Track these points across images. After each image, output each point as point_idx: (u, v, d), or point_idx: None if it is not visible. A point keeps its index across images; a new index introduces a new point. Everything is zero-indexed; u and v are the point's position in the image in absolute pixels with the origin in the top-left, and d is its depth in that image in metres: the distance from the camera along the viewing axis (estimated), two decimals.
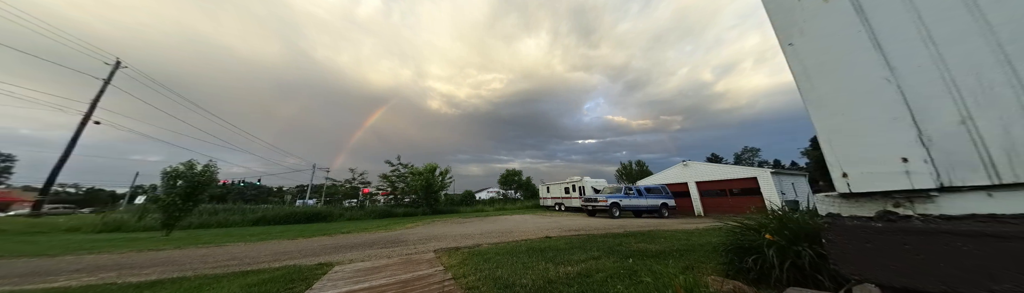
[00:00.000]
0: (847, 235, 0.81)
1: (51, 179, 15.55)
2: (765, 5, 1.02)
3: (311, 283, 3.71)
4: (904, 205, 0.75)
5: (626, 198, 15.15)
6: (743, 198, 16.55)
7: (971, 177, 0.67)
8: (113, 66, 17.38)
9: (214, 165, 12.94)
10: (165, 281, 4.18)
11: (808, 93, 0.91)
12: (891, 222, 0.75)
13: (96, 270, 5.14)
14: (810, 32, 0.92)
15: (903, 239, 0.72)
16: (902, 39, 0.76)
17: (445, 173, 24.63)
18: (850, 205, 0.84)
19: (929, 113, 0.72)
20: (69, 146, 15.65)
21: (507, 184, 43.14)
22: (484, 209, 25.80)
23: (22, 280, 4.53)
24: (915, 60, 0.74)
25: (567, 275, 3.55)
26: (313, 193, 39.47)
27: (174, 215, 11.59)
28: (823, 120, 0.88)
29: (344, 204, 25.44)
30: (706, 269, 3.57)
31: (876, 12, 0.80)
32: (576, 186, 21.29)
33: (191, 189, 11.94)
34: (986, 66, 0.67)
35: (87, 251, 7.27)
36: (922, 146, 0.72)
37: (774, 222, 3.28)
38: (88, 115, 16.09)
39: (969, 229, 0.65)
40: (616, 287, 3.03)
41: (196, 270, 4.90)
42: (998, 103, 0.65)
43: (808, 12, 0.92)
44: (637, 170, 41.80)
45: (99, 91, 16.77)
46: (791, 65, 0.95)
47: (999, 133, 0.65)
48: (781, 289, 2.45)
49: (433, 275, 3.91)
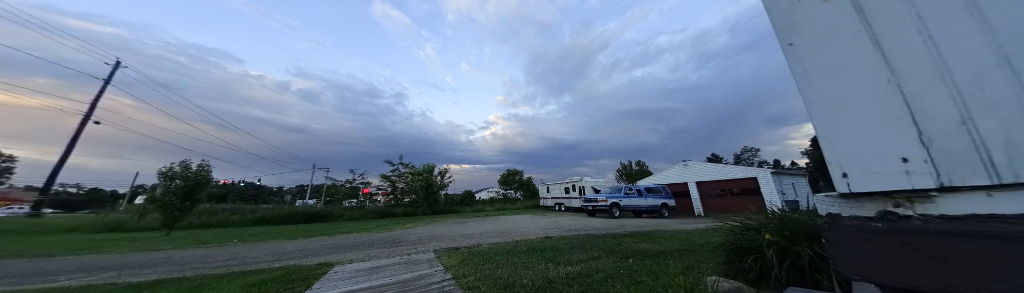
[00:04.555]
0: (847, 235, 0.81)
1: (51, 179, 15.56)
2: (765, 5, 1.02)
3: (311, 283, 3.71)
4: (904, 205, 0.75)
5: (626, 198, 15.15)
6: (743, 198, 16.54)
7: (971, 177, 0.67)
8: (113, 66, 17.38)
9: (207, 164, 12.97)
10: (165, 281, 4.18)
11: (808, 93, 0.91)
12: (891, 222, 0.75)
13: (96, 270, 5.13)
14: (810, 32, 0.92)
15: (903, 239, 0.72)
16: (902, 39, 0.76)
17: (444, 173, 24.64)
18: (850, 205, 0.84)
19: (929, 113, 0.72)
20: (69, 146, 15.65)
21: (507, 184, 43.12)
22: (484, 209, 25.79)
23: (22, 280, 4.53)
24: (915, 60, 0.74)
25: (567, 275, 3.55)
26: (313, 193, 39.47)
27: (173, 215, 11.60)
28: (823, 120, 0.88)
29: (344, 204, 25.43)
30: (706, 269, 3.57)
31: (876, 12, 0.80)
32: (576, 186, 21.30)
33: (189, 189, 11.96)
34: (986, 66, 0.67)
35: (87, 251, 7.27)
36: (922, 146, 0.72)
37: (774, 222, 3.28)
38: (88, 115, 16.09)
39: (969, 229, 0.65)
40: (616, 287, 3.03)
41: (196, 270, 4.90)
42: (998, 103, 0.65)
43: (808, 12, 0.92)
44: (637, 170, 41.78)
45: (99, 91, 16.77)
46: (791, 65, 0.95)
47: (999, 133, 0.64)
48: (781, 289, 2.45)
49: (433, 275, 3.91)
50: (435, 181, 23.24)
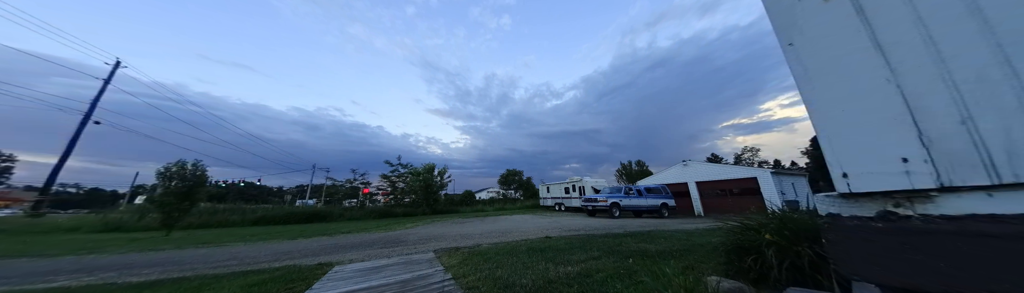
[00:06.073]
0: (847, 235, 0.81)
1: (51, 179, 15.55)
2: (765, 5, 1.02)
3: (311, 283, 3.71)
4: (904, 205, 0.75)
5: (626, 198, 15.15)
6: (743, 198, 16.54)
7: (971, 177, 0.67)
8: (113, 66, 17.37)
9: (201, 164, 12.97)
10: (165, 281, 4.18)
11: (808, 93, 0.91)
12: (891, 222, 0.75)
13: (96, 270, 5.13)
14: (810, 32, 0.92)
15: (903, 239, 0.72)
16: (902, 39, 0.76)
17: (444, 173, 24.65)
18: (850, 205, 0.84)
19: (929, 113, 0.72)
20: (69, 146, 15.65)
21: (507, 184, 43.11)
22: (484, 209, 25.78)
23: (22, 280, 4.53)
24: (915, 60, 0.74)
25: (567, 275, 3.55)
26: (313, 193, 39.47)
27: (173, 215, 11.60)
28: (823, 120, 0.88)
29: (344, 204, 25.44)
30: (706, 269, 3.57)
31: (876, 12, 0.80)
32: (576, 186, 21.30)
33: (187, 189, 11.96)
34: (986, 66, 0.67)
35: (87, 251, 7.27)
36: (922, 146, 0.72)
37: (774, 222, 3.27)
38: (88, 115, 16.08)
39: (969, 229, 0.65)
40: (616, 287, 3.03)
41: (196, 270, 4.90)
42: (998, 103, 0.65)
43: (808, 12, 0.92)
44: (637, 170, 41.78)
45: (99, 91, 16.76)
46: (791, 65, 0.95)
47: (999, 133, 0.64)
48: (781, 289, 2.44)
49: (433, 275, 3.90)
50: (435, 181, 23.24)
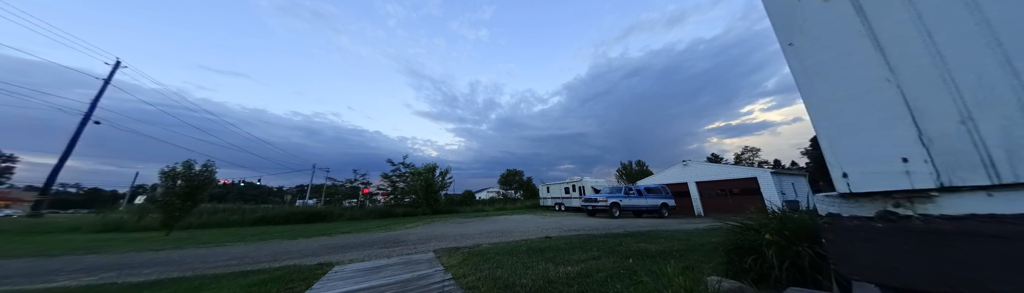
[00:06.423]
0: (847, 235, 0.81)
1: (51, 179, 15.57)
2: (765, 5, 1.02)
3: (311, 283, 3.71)
4: (904, 205, 0.75)
5: (626, 198, 15.15)
6: (743, 198, 16.55)
7: (971, 177, 0.67)
8: (113, 66, 17.38)
9: (212, 165, 12.94)
10: (165, 281, 4.18)
11: (808, 93, 0.91)
12: (891, 222, 0.75)
13: (96, 270, 5.13)
14: (810, 32, 0.92)
15: (903, 239, 0.72)
16: (902, 39, 0.76)
17: (445, 173, 24.64)
18: (850, 205, 0.84)
19: (929, 113, 0.72)
20: (69, 146, 15.65)
21: (507, 184, 43.11)
22: (484, 209, 25.79)
23: (22, 280, 4.53)
24: (915, 60, 0.74)
25: (567, 275, 3.55)
26: (313, 193, 39.46)
27: (173, 215, 11.59)
28: (823, 120, 0.88)
29: (344, 204, 25.43)
30: (706, 269, 3.57)
31: (876, 12, 0.80)
32: (576, 186, 21.30)
33: (190, 189, 11.93)
34: (986, 66, 0.67)
35: (87, 251, 7.27)
36: (922, 146, 0.72)
37: (774, 222, 3.27)
38: (88, 115, 16.09)
39: (969, 229, 0.65)
40: (616, 287, 3.03)
41: (196, 270, 4.90)
42: (998, 103, 0.65)
43: (808, 12, 0.92)
44: (637, 170, 41.78)
45: (99, 91, 16.77)
46: (791, 65, 0.95)
47: (999, 133, 0.64)
48: (781, 289, 2.44)
49: (433, 275, 3.90)
50: (435, 181, 23.24)
